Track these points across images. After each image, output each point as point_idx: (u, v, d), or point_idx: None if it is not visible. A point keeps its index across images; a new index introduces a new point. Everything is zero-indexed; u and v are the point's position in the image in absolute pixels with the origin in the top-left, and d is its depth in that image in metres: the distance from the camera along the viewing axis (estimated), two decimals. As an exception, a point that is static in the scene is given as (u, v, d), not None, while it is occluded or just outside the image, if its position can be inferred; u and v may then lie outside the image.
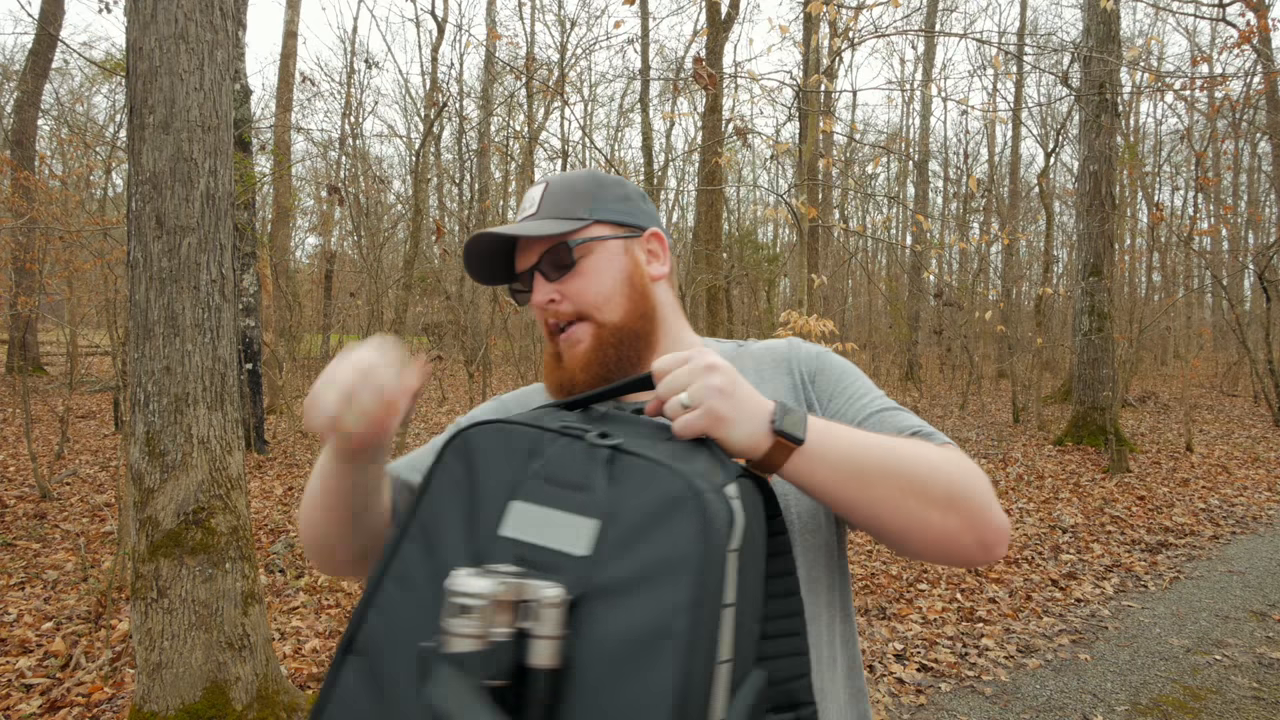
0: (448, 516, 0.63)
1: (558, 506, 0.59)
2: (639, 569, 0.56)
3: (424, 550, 0.62)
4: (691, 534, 0.56)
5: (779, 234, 20.24)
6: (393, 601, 0.62)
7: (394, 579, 0.62)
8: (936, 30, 18.74)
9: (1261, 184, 22.53)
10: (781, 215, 6.58)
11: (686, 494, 0.57)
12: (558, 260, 0.88)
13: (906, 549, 0.75)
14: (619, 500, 0.58)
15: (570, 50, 17.19)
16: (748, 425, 0.68)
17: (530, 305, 0.91)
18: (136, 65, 2.47)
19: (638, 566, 0.56)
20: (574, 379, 0.86)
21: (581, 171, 0.95)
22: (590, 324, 0.87)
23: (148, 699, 2.41)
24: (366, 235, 8.86)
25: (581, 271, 0.87)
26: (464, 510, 0.62)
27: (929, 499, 0.71)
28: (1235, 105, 12.33)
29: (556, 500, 0.59)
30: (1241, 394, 15.00)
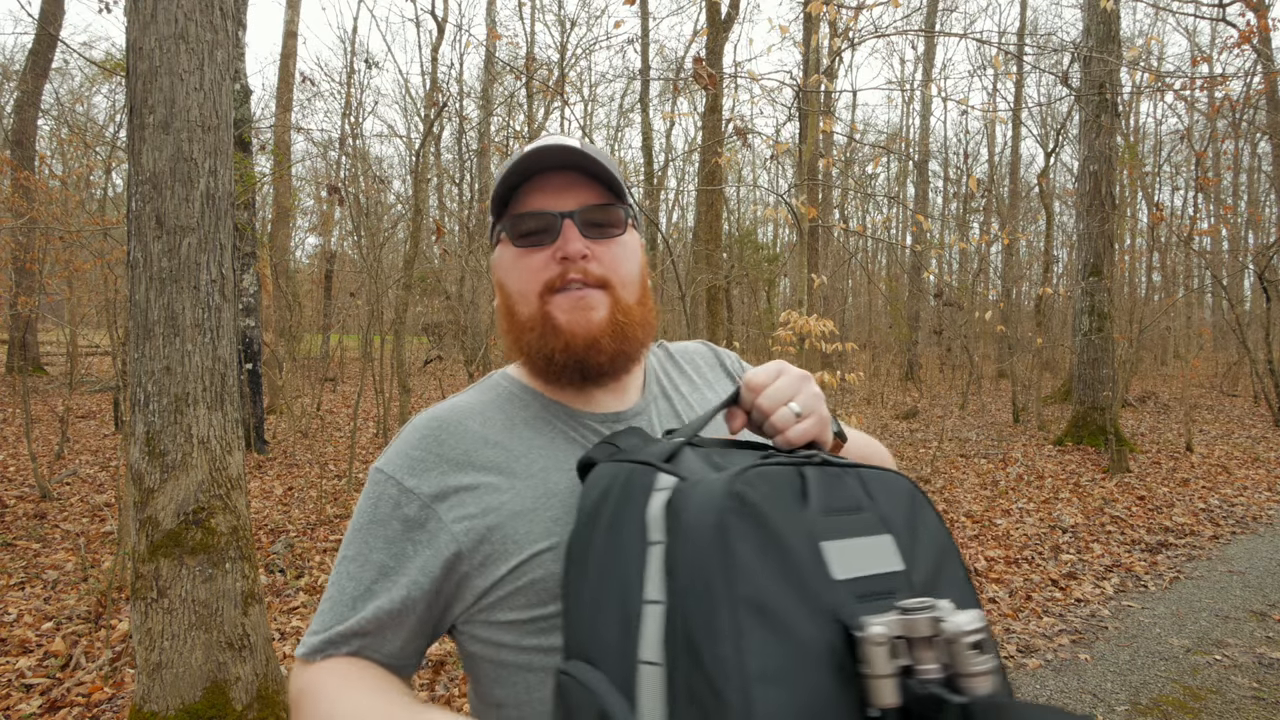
0: (775, 585, 0.53)
1: (858, 534, 0.58)
2: (934, 562, 0.60)
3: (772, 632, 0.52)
4: (937, 520, 0.63)
5: (779, 234, 20.25)
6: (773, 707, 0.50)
7: (762, 682, 0.50)
8: (936, 30, 18.75)
9: (1261, 184, 22.53)
10: (781, 215, 6.58)
11: (912, 486, 0.63)
12: (607, 219, 0.81)
13: None
14: (883, 509, 0.61)
15: (570, 50, 17.19)
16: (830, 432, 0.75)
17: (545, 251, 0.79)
18: (136, 65, 2.47)
19: (932, 560, 0.60)
20: (598, 343, 0.78)
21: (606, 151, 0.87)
22: (609, 294, 0.80)
23: (148, 699, 2.41)
24: (366, 235, 8.86)
25: (621, 242, 0.82)
26: (787, 572, 0.54)
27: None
28: (1235, 105, 12.33)
29: (851, 529, 0.58)
30: (1241, 394, 15.00)
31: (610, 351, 0.79)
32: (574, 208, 0.79)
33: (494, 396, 0.86)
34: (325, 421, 10.20)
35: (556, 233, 0.78)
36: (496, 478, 0.77)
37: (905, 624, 0.51)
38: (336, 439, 8.88)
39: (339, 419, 10.60)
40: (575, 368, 0.79)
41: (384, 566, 0.76)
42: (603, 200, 0.80)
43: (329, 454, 7.85)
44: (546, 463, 0.79)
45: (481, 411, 0.83)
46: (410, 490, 0.77)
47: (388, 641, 0.76)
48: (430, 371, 15.89)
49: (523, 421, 0.82)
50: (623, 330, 0.79)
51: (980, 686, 0.49)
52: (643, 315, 0.83)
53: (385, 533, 0.77)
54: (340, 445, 8.36)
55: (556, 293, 0.79)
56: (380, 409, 9.17)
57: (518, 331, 0.81)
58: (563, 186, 0.80)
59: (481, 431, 0.80)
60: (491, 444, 0.80)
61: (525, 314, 0.80)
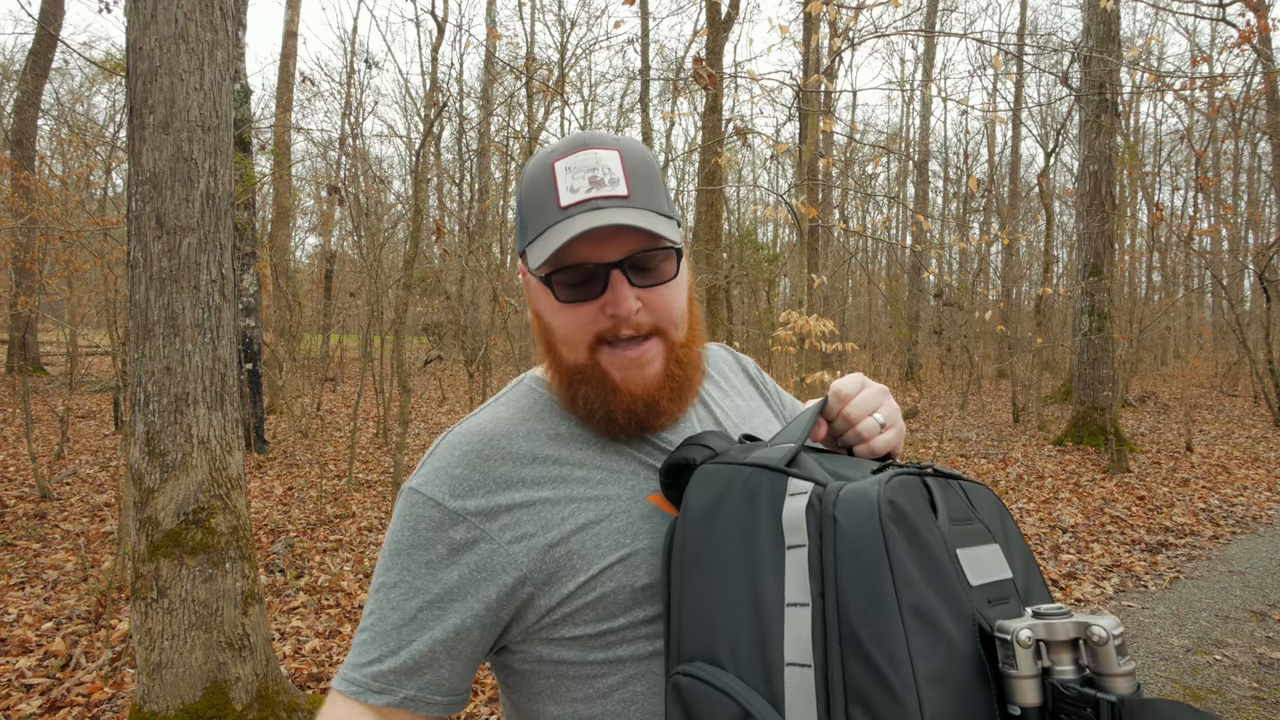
0: (929, 589, 0.56)
1: (976, 543, 0.62)
2: (1024, 567, 0.65)
3: (934, 635, 0.54)
4: (1017, 529, 0.68)
5: (779, 234, 20.25)
6: (941, 708, 0.53)
7: (930, 683, 0.52)
8: (936, 30, 18.75)
9: (1261, 184, 22.53)
10: (781, 215, 6.58)
11: (997, 499, 0.68)
12: (657, 263, 0.73)
13: None
14: (984, 518, 0.65)
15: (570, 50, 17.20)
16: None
17: (593, 304, 0.72)
18: (136, 65, 2.47)
19: (1023, 566, 0.65)
20: (658, 405, 0.75)
21: (641, 145, 0.77)
22: (663, 341, 0.75)
23: (148, 699, 2.41)
24: (366, 235, 8.86)
25: (672, 285, 0.74)
26: (937, 578, 0.57)
27: None
28: (1235, 105, 12.33)
29: (970, 538, 0.62)
30: (1241, 394, 15.00)
31: (671, 412, 0.77)
32: (621, 256, 0.71)
33: (531, 406, 0.81)
34: (325, 421, 10.20)
35: (603, 284, 0.71)
36: (551, 492, 0.74)
37: (1049, 628, 0.54)
38: (336, 439, 8.88)
39: (339, 419, 10.60)
40: (637, 426, 0.76)
41: (430, 594, 0.71)
42: (650, 244, 0.72)
43: (329, 454, 7.84)
44: (602, 474, 0.75)
45: (523, 424, 0.78)
46: (455, 512, 0.72)
47: (443, 674, 0.71)
48: (430, 371, 15.89)
49: (568, 433, 0.78)
50: (678, 385, 0.76)
51: (1124, 686, 0.52)
52: (694, 355, 0.79)
53: (428, 557, 0.72)
54: (340, 445, 8.36)
55: (608, 345, 0.74)
56: (380, 409, 9.17)
57: (567, 377, 0.76)
58: (606, 232, 0.70)
59: (528, 446, 0.76)
60: (541, 459, 0.75)
61: (573, 360, 0.75)
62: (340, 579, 4.22)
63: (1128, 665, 0.53)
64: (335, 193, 6.77)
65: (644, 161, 0.75)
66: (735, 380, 0.95)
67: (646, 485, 0.76)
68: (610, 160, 0.72)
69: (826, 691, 0.54)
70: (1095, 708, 0.51)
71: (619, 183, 0.71)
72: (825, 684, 0.55)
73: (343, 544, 4.87)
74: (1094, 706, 0.51)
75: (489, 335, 8.73)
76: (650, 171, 0.75)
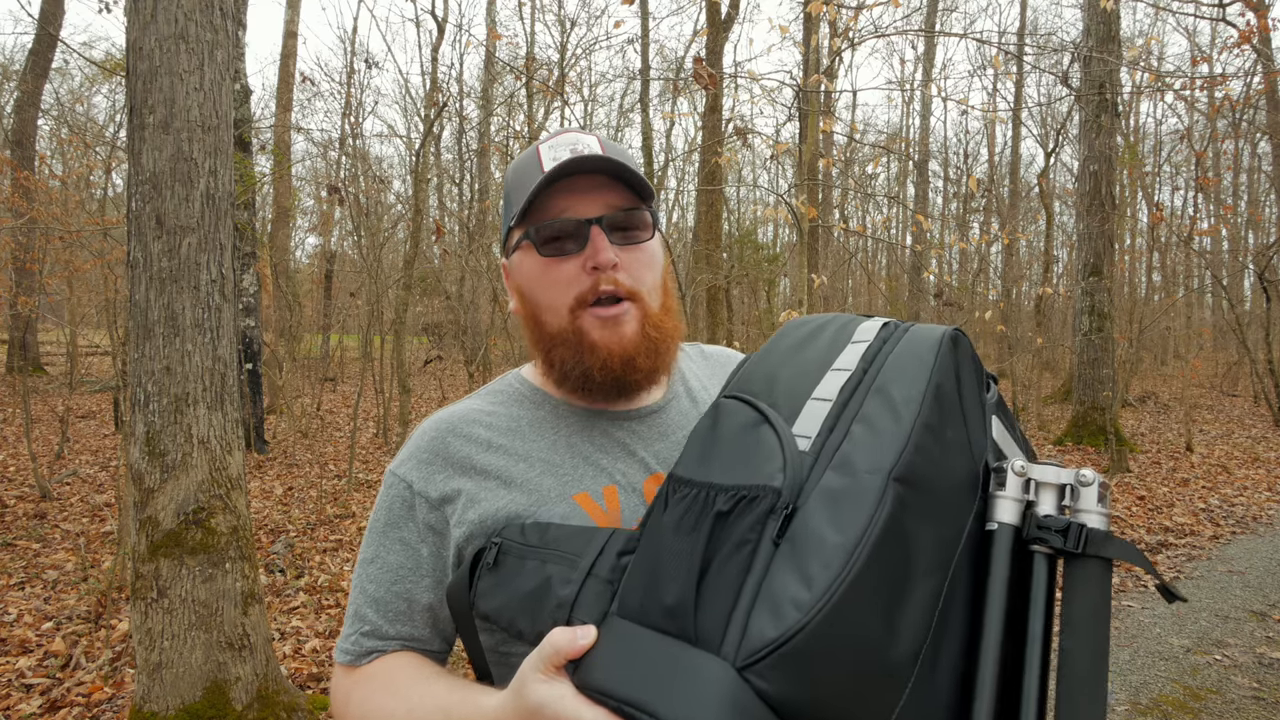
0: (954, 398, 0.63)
1: (1007, 425, 0.68)
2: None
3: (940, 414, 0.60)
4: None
5: (779, 234, 20.24)
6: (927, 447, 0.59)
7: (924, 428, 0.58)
8: (936, 30, 18.76)
9: (1261, 184, 22.53)
10: (781, 215, 6.58)
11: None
12: (634, 223, 0.78)
13: None
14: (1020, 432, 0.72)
15: (570, 50, 17.19)
16: None
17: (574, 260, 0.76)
18: (136, 65, 2.47)
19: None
20: (634, 361, 0.77)
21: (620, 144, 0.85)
22: (638, 306, 0.78)
23: (148, 699, 2.41)
24: (366, 235, 8.86)
25: (647, 249, 0.80)
26: (959, 391, 0.64)
27: None
28: (1235, 105, 12.33)
29: (1004, 418, 0.68)
30: (1241, 394, 15.00)
31: (646, 369, 0.79)
32: (601, 213, 0.76)
33: (504, 397, 0.86)
34: (325, 421, 10.20)
35: (584, 240, 0.76)
36: (494, 482, 0.78)
37: (1040, 470, 0.61)
38: (336, 439, 8.88)
39: (339, 419, 10.60)
40: (613, 385, 0.79)
41: (403, 567, 0.79)
42: (629, 204, 0.78)
43: (329, 454, 7.84)
44: (542, 468, 0.79)
45: (489, 414, 0.83)
46: (420, 493, 0.79)
47: (419, 636, 0.79)
48: (430, 371, 15.89)
49: (529, 424, 0.82)
50: (655, 346, 0.79)
51: (1096, 520, 0.58)
52: (671, 324, 0.82)
53: (401, 534, 0.79)
54: (340, 445, 8.36)
55: (588, 307, 0.77)
56: (380, 409, 9.17)
57: (548, 344, 0.80)
58: (587, 189, 0.77)
59: (486, 436, 0.81)
60: (494, 448, 0.80)
61: (555, 327, 0.79)
62: (340, 579, 4.22)
63: (1104, 510, 0.59)
64: (335, 193, 6.77)
65: (621, 148, 0.81)
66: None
67: (581, 483, 0.78)
68: (589, 139, 0.78)
69: (838, 413, 0.60)
70: (1065, 531, 0.58)
71: (596, 149, 0.77)
72: (839, 410, 0.61)
73: (343, 544, 4.87)
74: (1064, 530, 0.58)
75: (489, 335, 8.72)
76: (626, 153, 0.81)
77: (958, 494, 0.59)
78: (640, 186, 0.78)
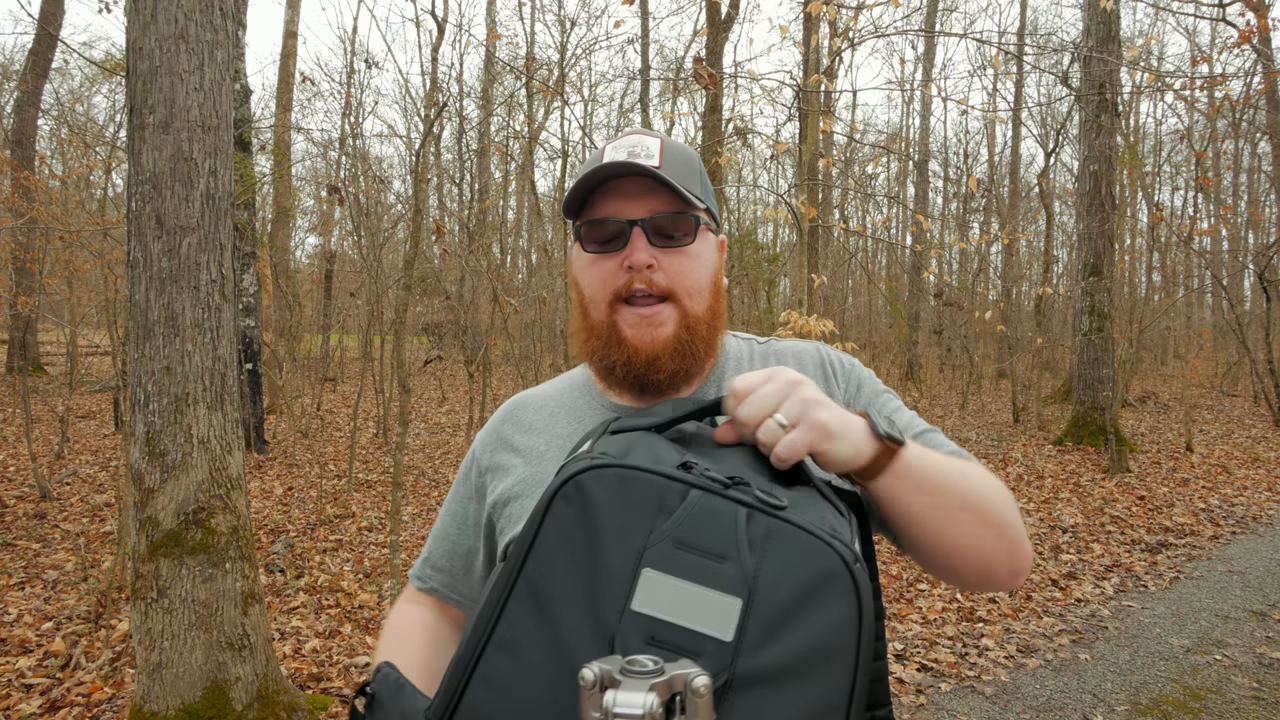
0: (562, 579, 0.54)
1: (696, 580, 0.53)
2: (790, 658, 0.52)
3: (535, 615, 0.54)
4: (845, 618, 0.53)
5: (779, 234, 20.23)
6: (500, 673, 0.53)
7: (500, 647, 0.54)
8: (936, 30, 18.76)
9: (1261, 184, 22.52)
10: (781, 215, 6.58)
11: (838, 569, 0.53)
12: (676, 228, 0.80)
13: (950, 568, 0.74)
14: (764, 574, 0.53)
15: (570, 50, 17.17)
16: (851, 435, 0.65)
17: (615, 258, 0.80)
18: (136, 65, 2.47)
19: (788, 655, 0.52)
20: (658, 362, 0.79)
21: (685, 145, 0.86)
22: (677, 308, 0.80)
23: (148, 699, 2.41)
24: (366, 235, 8.86)
25: (689, 252, 0.81)
26: (583, 573, 0.54)
27: (987, 522, 0.71)
28: (1235, 105, 12.33)
29: (694, 572, 0.53)
30: (1241, 394, 15.00)
31: (669, 370, 0.80)
32: (644, 215, 0.79)
33: (567, 385, 0.94)
34: (325, 421, 10.20)
35: (625, 240, 0.79)
36: (520, 461, 0.87)
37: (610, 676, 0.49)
38: (336, 439, 8.88)
39: (339, 419, 10.60)
40: (634, 381, 0.81)
41: (459, 517, 0.93)
42: (673, 208, 0.80)
43: (329, 454, 7.84)
44: (557, 453, 0.85)
45: (545, 399, 0.93)
46: (477, 461, 0.92)
47: (459, 579, 0.93)
48: (430, 371, 15.89)
49: (568, 411, 0.90)
50: (686, 348, 0.80)
51: None
52: (708, 328, 0.82)
53: (463, 489, 0.94)
54: (340, 445, 8.36)
55: (624, 303, 0.80)
56: (380, 409, 9.17)
57: (587, 334, 0.84)
58: (635, 193, 0.80)
59: (532, 419, 0.91)
60: (533, 430, 0.89)
61: (595, 319, 0.83)
62: (340, 579, 4.22)
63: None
64: (335, 193, 6.77)
65: (683, 153, 0.83)
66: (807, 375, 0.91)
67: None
68: (651, 142, 0.81)
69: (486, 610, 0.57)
70: None
71: (654, 157, 0.79)
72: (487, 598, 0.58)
73: (343, 544, 4.87)
74: None
75: (489, 335, 8.72)
76: (686, 158, 0.83)
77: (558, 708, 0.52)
78: (688, 192, 0.79)
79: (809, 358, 0.90)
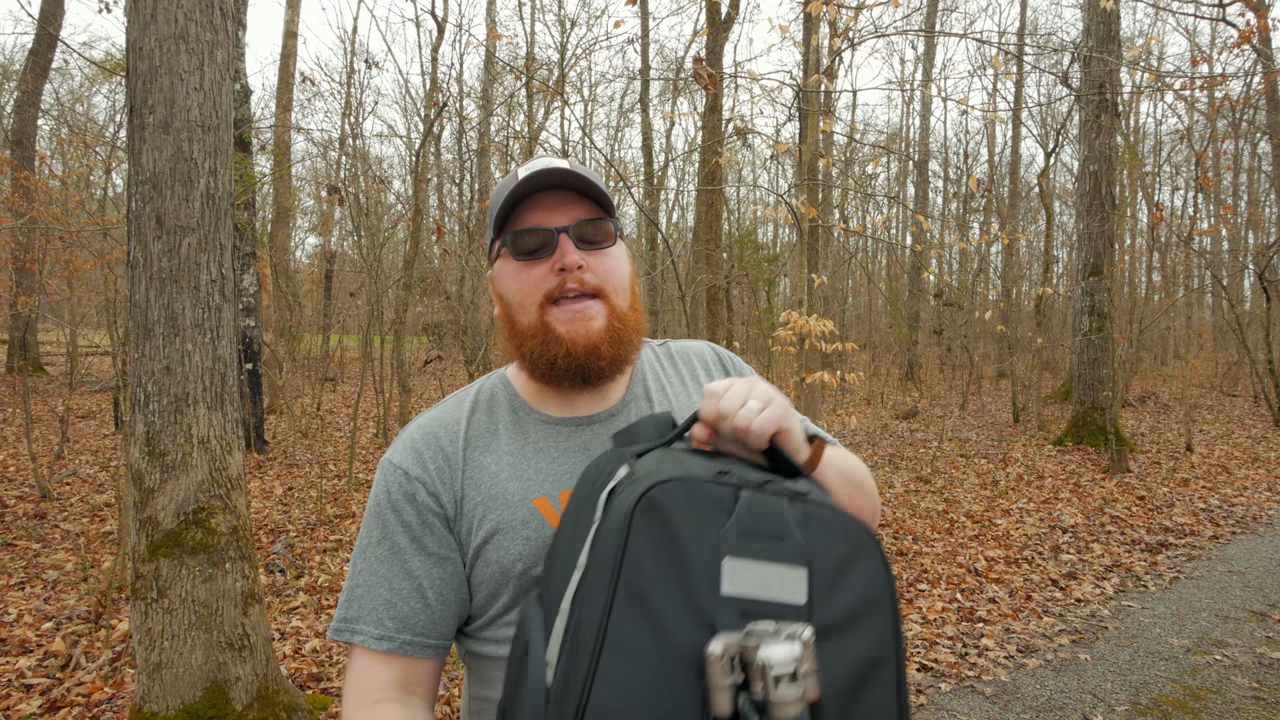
0: (658, 581, 0.62)
1: (768, 559, 0.63)
2: (849, 608, 0.64)
3: (639, 616, 0.61)
4: (878, 571, 0.67)
5: (779, 234, 20.23)
6: (619, 674, 0.59)
7: (614, 650, 0.60)
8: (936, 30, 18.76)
9: (1261, 184, 22.52)
10: (781, 215, 6.58)
11: (864, 535, 0.67)
12: (597, 233, 0.88)
13: None
14: (815, 547, 0.65)
15: (570, 50, 17.18)
16: (799, 425, 0.78)
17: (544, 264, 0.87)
18: (136, 65, 2.47)
19: (847, 606, 0.64)
20: (598, 349, 0.86)
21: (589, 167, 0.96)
22: (606, 304, 0.88)
23: (148, 699, 2.41)
24: (366, 235, 8.86)
25: (611, 254, 0.89)
26: (675, 572, 0.62)
27: (866, 491, 0.92)
28: (1235, 105, 12.33)
29: (764, 554, 0.63)
30: (1241, 394, 15.00)
31: (609, 356, 0.87)
32: (568, 223, 0.87)
33: (479, 405, 0.94)
34: (325, 421, 10.20)
35: (553, 247, 0.86)
36: (470, 479, 0.88)
37: (742, 648, 0.58)
38: (336, 439, 8.88)
39: (339, 419, 10.60)
40: (577, 372, 0.87)
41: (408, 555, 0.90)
42: (593, 215, 0.88)
43: (329, 454, 7.85)
44: (509, 472, 0.87)
45: (455, 422, 0.92)
46: (417, 479, 0.90)
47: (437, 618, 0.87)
48: (430, 371, 15.88)
49: (504, 428, 0.91)
50: (619, 336, 0.88)
51: (783, 713, 0.56)
52: (635, 320, 0.91)
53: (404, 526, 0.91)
54: (340, 445, 8.36)
55: (555, 304, 0.86)
56: (380, 409, 9.17)
57: (519, 339, 0.89)
58: (557, 204, 0.88)
59: (468, 440, 0.90)
60: (474, 446, 0.90)
61: (525, 323, 0.88)
62: (340, 579, 4.22)
63: (790, 696, 0.56)
64: (335, 193, 6.77)
65: (589, 170, 0.91)
66: (703, 375, 1.01)
67: (541, 488, 0.86)
68: (560, 162, 0.88)
69: (566, 637, 0.63)
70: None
71: (563, 164, 0.87)
72: (566, 631, 0.64)
73: (343, 544, 4.87)
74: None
75: (489, 335, 8.72)
76: (594, 173, 0.91)
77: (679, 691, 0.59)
78: (603, 201, 0.88)
79: (706, 353, 1.04)
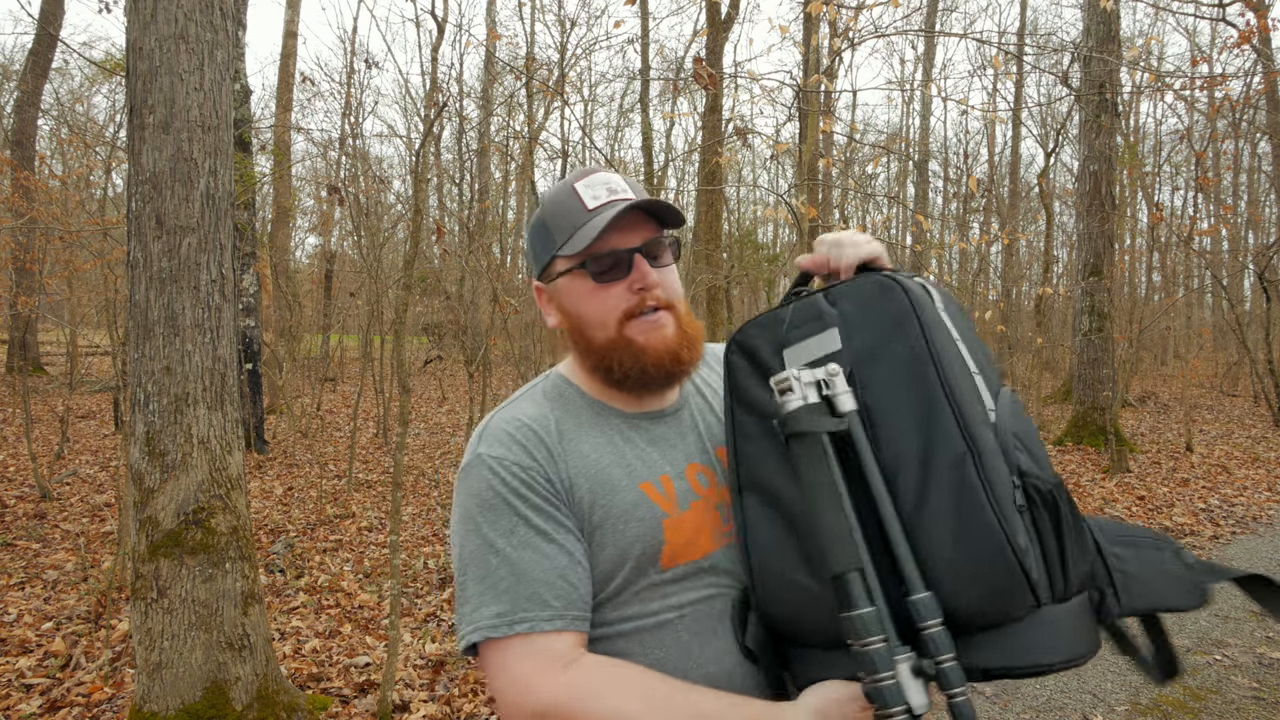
0: (752, 381, 0.91)
1: (809, 335, 0.88)
2: (875, 337, 0.84)
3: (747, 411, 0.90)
4: (899, 300, 0.84)
5: (779, 234, 20.23)
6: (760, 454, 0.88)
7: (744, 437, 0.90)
8: (936, 30, 18.74)
9: (1261, 184, 22.52)
10: (781, 215, 6.58)
11: (886, 279, 0.86)
12: (660, 251, 0.97)
13: None
14: (843, 308, 0.88)
15: (570, 50, 17.16)
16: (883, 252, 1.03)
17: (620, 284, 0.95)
18: (136, 65, 2.47)
19: (873, 335, 0.84)
20: (678, 354, 0.96)
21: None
22: (673, 314, 0.97)
23: (148, 699, 2.41)
24: (366, 235, 8.86)
25: (671, 270, 0.99)
26: (758, 376, 0.90)
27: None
28: (1235, 105, 12.32)
29: (805, 333, 0.88)
30: (1241, 394, 14.99)
31: (688, 359, 0.97)
32: (640, 243, 0.94)
33: (554, 399, 1.01)
34: (325, 421, 10.20)
35: (628, 267, 0.94)
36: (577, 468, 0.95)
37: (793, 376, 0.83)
38: (336, 439, 8.88)
39: (339, 419, 10.60)
40: (665, 378, 0.96)
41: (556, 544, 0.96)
42: (658, 234, 0.97)
43: (329, 454, 7.84)
44: (610, 460, 0.95)
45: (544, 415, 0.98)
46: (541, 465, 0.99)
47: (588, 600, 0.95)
48: (430, 371, 15.88)
49: (588, 422, 0.99)
50: (689, 339, 0.97)
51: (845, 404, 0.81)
52: (696, 326, 1.01)
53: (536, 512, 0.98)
54: (340, 445, 8.36)
55: (633, 319, 0.95)
56: (380, 409, 9.17)
57: (600, 353, 0.96)
58: (629, 225, 0.94)
59: (561, 432, 0.97)
60: (569, 438, 0.96)
61: (603, 338, 0.96)
62: (340, 579, 4.22)
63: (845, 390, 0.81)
64: (335, 193, 6.77)
65: (637, 184, 1.00)
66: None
67: (643, 473, 0.95)
68: (615, 179, 0.97)
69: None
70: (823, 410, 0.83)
71: (627, 191, 0.97)
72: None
73: (343, 544, 4.87)
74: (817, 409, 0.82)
75: (489, 335, 8.72)
76: (642, 189, 1.01)
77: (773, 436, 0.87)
78: (667, 219, 0.97)
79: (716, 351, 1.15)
